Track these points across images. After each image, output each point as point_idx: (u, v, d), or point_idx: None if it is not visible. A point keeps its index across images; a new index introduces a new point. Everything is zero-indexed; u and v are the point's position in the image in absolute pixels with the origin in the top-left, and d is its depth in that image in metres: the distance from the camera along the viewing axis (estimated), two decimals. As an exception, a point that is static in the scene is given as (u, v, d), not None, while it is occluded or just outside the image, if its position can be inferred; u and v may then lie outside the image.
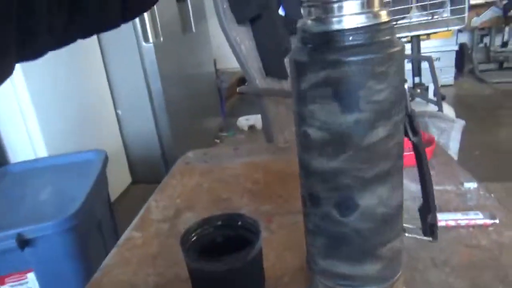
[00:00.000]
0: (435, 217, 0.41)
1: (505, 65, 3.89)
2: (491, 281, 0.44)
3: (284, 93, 1.27)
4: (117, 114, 2.22)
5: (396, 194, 0.38)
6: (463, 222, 0.53)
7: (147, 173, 2.34)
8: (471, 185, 0.64)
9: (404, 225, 0.41)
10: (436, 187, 0.61)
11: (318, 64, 0.34)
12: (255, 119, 3.09)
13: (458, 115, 1.76)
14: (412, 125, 0.38)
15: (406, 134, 0.38)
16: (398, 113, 0.35)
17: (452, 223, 0.53)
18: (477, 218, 0.53)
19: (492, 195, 0.62)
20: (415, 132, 0.38)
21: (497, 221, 0.53)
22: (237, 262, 0.42)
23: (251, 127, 3.11)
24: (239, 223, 0.49)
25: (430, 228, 0.42)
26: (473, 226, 0.54)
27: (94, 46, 2.06)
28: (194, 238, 0.48)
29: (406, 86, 0.35)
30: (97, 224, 1.30)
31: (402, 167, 0.38)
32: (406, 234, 0.42)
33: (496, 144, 2.50)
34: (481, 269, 0.46)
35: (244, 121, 3.15)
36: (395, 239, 0.40)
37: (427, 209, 0.41)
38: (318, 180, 0.38)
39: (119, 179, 2.20)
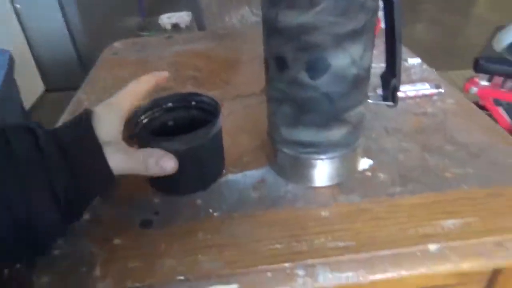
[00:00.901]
0: (399, 81, 0.40)
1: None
2: (439, 143, 0.46)
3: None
4: (15, 8, 1.88)
5: (367, 54, 0.36)
6: (411, 93, 0.55)
7: (62, 79, 2.11)
8: (415, 60, 0.65)
9: (367, 91, 0.40)
10: (382, 65, 0.61)
11: None
12: (179, 17, 2.85)
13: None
14: (388, -26, 0.34)
15: (381, -14, 0.34)
16: (379, -46, 0.31)
17: (402, 94, 0.54)
18: (424, 88, 0.55)
19: (434, 69, 0.64)
20: (391, -16, 0.34)
21: (442, 90, 0.55)
22: (198, 140, 0.39)
23: (175, 26, 2.88)
24: (193, 103, 0.44)
25: (392, 93, 0.41)
26: (420, 97, 0.55)
27: None
28: (143, 122, 0.42)
29: None
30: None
31: (375, 25, 0.35)
32: (369, 100, 0.41)
33: (412, 38, 2.63)
34: (430, 133, 0.48)
35: (166, 19, 2.88)
36: (361, 104, 0.38)
37: (392, 74, 0.40)
38: (287, 39, 0.34)
39: (30, 87, 1.96)
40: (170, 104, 0.44)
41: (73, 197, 0.31)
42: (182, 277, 0.33)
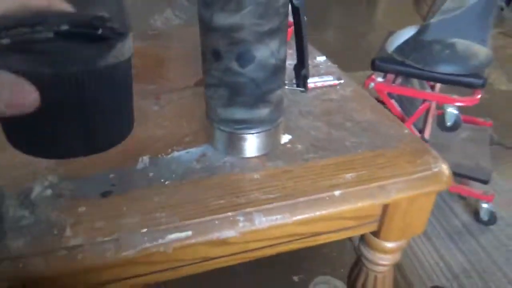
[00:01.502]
0: (308, 70, 0.51)
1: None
2: (340, 121, 0.59)
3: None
4: None
5: (282, 48, 0.46)
6: (319, 84, 0.67)
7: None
8: (322, 58, 0.79)
9: (284, 79, 0.51)
10: (288, 62, 0.73)
11: None
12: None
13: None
14: (295, -12, 0.45)
15: (290, -2, 0.45)
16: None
17: (312, 85, 0.67)
18: (329, 80, 0.68)
19: (336, 65, 0.77)
20: (298, -5, 0.45)
21: (342, 81, 0.69)
22: (87, 63, 0.24)
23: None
24: (100, 31, 0.29)
25: (303, 81, 0.53)
26: (326, 87, 0.68)
27: None
28: (11, 40, 0.26)
29: None
30: None
31: (287, 25, 0.46)
32: (286, 87, 0.52)
33: (322, 42, 2.89)
34: (333, 114, 0.61)
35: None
36: (279, 88, 0.49)
37: (302, 65, 0.51)
38: (220, 36, 0.43)
39: None
40: (65, 26, 0.28)
41: None
42: (145, 230, 0.40)
